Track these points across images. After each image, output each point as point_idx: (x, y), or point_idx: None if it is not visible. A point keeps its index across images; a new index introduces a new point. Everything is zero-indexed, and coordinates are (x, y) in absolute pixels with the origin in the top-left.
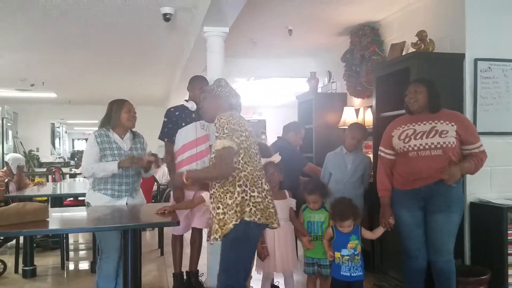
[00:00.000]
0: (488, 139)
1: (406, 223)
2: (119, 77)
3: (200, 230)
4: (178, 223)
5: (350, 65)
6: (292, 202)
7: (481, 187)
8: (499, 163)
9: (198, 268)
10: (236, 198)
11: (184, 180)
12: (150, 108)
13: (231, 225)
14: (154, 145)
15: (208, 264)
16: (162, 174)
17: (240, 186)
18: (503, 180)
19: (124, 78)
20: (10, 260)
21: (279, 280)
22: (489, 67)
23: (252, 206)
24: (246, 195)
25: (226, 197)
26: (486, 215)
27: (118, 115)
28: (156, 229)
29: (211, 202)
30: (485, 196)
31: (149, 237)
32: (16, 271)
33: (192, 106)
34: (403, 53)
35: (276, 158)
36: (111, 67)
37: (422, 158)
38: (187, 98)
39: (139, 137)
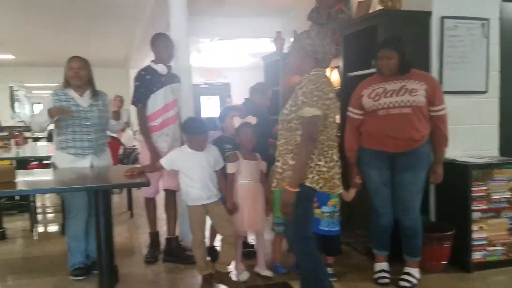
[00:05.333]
0: (453, 98)
1: (374, 181)
2: (77, 38)
3: (173, 193)
4: (148, 184)
5: (316, 24)
6: (263, 165)
7: None
8: (464, 121)
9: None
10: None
11: (292, 189)
12: (110, 70)
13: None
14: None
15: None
16: (127, 137)
17: None
18: (468, 138)
19: (82, 38)
20: None
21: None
22: (455, 25)
23: (316, 174)
24: (312, 163)
25: (288, 156)
26: (451, 173)
27: (65, 73)
28: (124, 193)
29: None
30: (450, 155)
31: (117, 200)
32: None
33: (162, 69)
34: (370, 11)
35: (253, 119)
36: (68, 27)
37: (392, 116)
38: (153, 59)
39: (102, 94)
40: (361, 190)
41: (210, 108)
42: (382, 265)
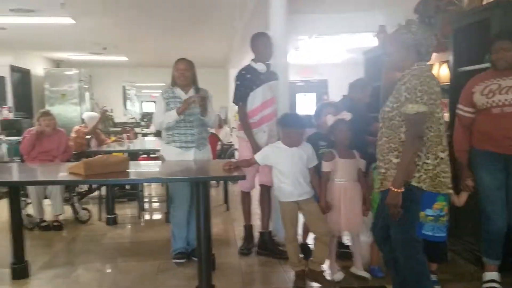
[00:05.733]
0: None
1: (486, 185)
2: (182, 41)
3: (268, 188)
4: (244, 177)
5: (424, 17)
6: (362, 163)
7: None
8: None
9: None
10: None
11: (397, 190)
12: (211, 70)
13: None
14: (216, 106)
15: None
16: (225, 134)
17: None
18: None
19: (186, 41)
20: (93, 209)
21: (349, 239)
22: None
23: (423, 173)
24: (419, 161)
25: (392, 155)
26: None
27: (173, 73)
28: (221, 186)
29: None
30: None
31: (214, 194)
32: (100, 218)
33: (262, 68)
34: (483, 2)
35: (346, 115)
36: (174, 30)
37: (507, 115)
38: (253, 58)
39: (204, 91)
40: (472, 194)
41: (306, 105)
42: (493, 274)
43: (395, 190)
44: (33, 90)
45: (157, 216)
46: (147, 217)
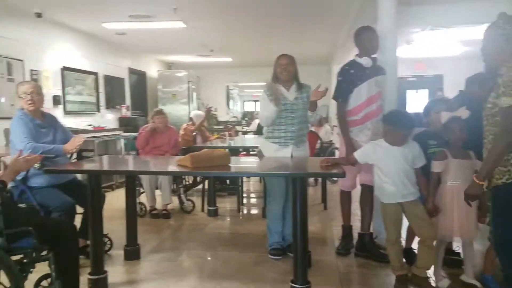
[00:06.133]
0: None
1: None
2: (285, 38)
3: (370, 188)
4: (343, 175)
5: None
6: (478, 164)
7: None
8: None
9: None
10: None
11: (479, 182)
12: (313, 67)
13: (499, 182)
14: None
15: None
16: (325, 132)
17: None
18: None
19: (289, 38)
20: (197, 201)
21: (459, 246)
22: None
23: None
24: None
25: None
26: None
27: (274, 70)
28: (319, 185)
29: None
30: None
31: (312, 192)
32: (202, 210)
33: (367, 62)
34: None
35: (464, 113)
36: (278, 29)
37: None
38: (357, 53)
39: (306, 87)
40: None
41: (417, 102)
42: None
43: (478, 182)
44: (148, 91)
45: (254, 211)
46: (245, 211)
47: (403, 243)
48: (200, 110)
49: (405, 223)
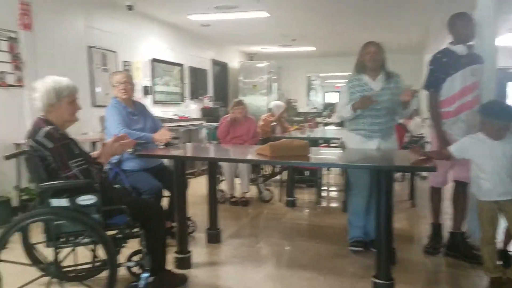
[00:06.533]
0: None
1: None
2: (373, 25)
3: (464, 185)
4: (435, 169)
5: None
6: None
7: None
8: None
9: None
10: None
11: None
12: (403, 56)
13: None
14: None
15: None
16: (415, 124)
17: None
18: None
19: (378, 25)
20: (275, 191)
21: None
22: None
23: None
24: None
25: None
26: None
27: (359, 58)
28: (406, 181)
29: None
30: None
31: (399, 188)
32: (280, 200)
33: (461, 50)
34: None
35: None
36: (366, 16)
37: None
38: (451, 41)
39: (395, 76)
40: None
41: None
42: None
43: None
44: (229, 82)
45: (334, 204)
46: (324, 204)
47: (500, 244)
48: (280, 101)
49: (503, 223)
